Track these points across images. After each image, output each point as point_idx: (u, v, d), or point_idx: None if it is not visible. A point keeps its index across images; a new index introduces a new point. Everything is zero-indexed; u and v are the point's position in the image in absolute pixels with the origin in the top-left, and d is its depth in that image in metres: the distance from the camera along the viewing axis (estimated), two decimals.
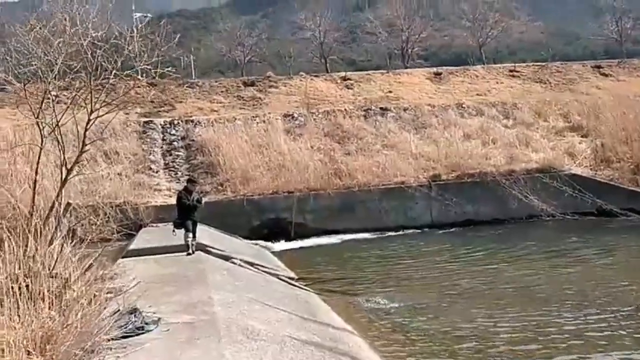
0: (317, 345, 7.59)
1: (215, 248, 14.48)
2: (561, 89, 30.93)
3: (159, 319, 7.42)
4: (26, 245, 6.87)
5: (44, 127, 8.24)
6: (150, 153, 23.57)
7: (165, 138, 24.50)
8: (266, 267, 14.14)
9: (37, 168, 8.11)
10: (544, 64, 33.49)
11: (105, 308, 7.06)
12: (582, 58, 36.93)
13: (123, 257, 13.35)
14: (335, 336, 8.57)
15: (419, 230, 21.10)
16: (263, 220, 20.66)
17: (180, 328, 7.17)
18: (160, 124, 25.00)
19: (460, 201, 22.02)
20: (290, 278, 13.90)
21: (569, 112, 28.01)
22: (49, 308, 5.99)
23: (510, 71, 32.37)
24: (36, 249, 6.86)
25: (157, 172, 22.80)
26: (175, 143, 24.25)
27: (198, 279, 10.43)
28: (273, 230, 20.38)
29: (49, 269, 6.89)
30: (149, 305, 7.94)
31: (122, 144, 23.32)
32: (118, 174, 21.87)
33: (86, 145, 8.25)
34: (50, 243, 7.45)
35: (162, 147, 24.09)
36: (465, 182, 22.57)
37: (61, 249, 7.41)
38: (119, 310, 7.16)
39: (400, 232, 20.82)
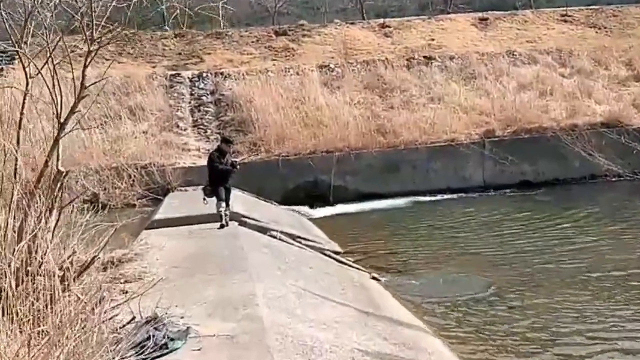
0: (393, 358, 5.77)
1: (251, 218, 12.65)
2: (618, 35, 28.18)
3: (188, 328, 5.62)
4: (6, 232, 5.06)
5: (28, 64, 6.08)
6: (178, 109, 21.74)
7: (193, 92, 22.62)
8: (308, 240, 12.28)
9: (20, 120, 6.01)
10: (597, 7, 30.51)
11: (116, 316, 5.30)
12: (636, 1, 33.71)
13: (147, 229, 11.64)
14: (410, 339, 6.74)
15: (472, 193, 18.97)
16: (300, 184, 18.75)
17: (216, 345, 5.32)
18: (188, 77, 23.12)
19: (517, 160, 19.88)
20: (335, 252, 12.07)
21: (632, 59, 25.38)
22: (31, 329, 4.21)
23: (562, 16, 29.50)
24: (19, 237, 5.04)
25: (185, 130, 21.01)
26: (204, 98, 22.35)
27: (235, 262, 8.59)
28: (311, 195, 18.45)
29: (38, 265, 5.10)
30: (174, 304, 6.19)
31: (148, 99, 21.53)
32: (143, 132, 20.18)
33: (85, 87, 6.10)
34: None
35: (190, 103, 22.24)
36: (522, 138, 20.28)
37: (53, 233, 5.57)
38: (134, 318, 5.41)
39: (451, 196, 18.76)
